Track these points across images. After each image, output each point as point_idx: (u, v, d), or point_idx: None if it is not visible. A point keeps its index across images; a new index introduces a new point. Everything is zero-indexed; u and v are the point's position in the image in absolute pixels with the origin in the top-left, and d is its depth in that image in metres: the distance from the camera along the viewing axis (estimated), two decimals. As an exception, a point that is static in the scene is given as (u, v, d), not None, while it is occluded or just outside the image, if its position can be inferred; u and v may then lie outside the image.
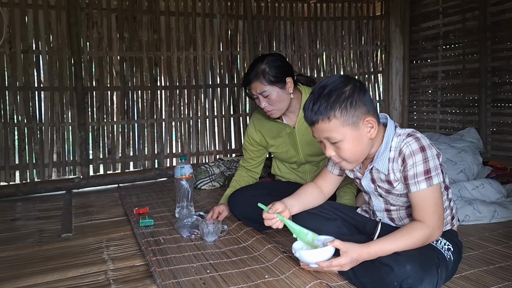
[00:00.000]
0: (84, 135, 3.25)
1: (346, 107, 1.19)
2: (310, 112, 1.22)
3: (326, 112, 1.19)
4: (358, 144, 1.22)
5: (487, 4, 3.46)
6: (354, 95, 1.20)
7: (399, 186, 1.29)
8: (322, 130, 1.22)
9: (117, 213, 2.41)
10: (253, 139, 2.08)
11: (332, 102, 1.19)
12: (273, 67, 1.82)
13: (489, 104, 3.53)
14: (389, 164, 1.27)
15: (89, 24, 3.27)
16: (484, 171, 2.65)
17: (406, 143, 1.23)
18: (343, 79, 1.23)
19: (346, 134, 1.20)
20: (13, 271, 1.61)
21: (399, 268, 1.13)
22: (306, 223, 1.43)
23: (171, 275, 1.47)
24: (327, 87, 1.21)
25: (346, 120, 1.19)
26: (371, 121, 1.22)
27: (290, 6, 3.95)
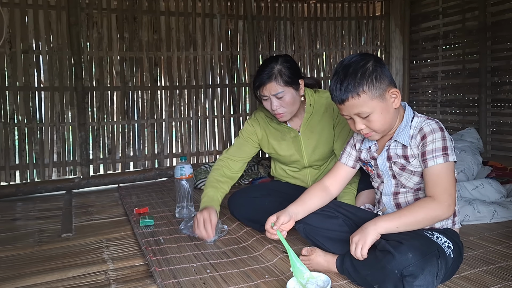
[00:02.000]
0: (84, 135, 3.25)
1: (372, 81, 1.27)
2: (339, 91, 1.29)
3: (355, 89, 1.27)
4: (386, 114, 1.31)
5: (487, 4, 3.46)
6: (377, 69, 1.29)
7: (415, 162, 1.34)
8: (352, 106, 1.29)
9: (117, 213, 2.42)
10: (255, 135, 1.99)
11: (359, 78, 1.27)
12: (287, 67, 1.77)
13: (489, 104, 3.53)
14: (410, 140, 1.34)
15: (89, 24, 3.27)
16: (484, 171, 2.65)
17: (427, 123, 1.33)
18: (362, 57, 1.32)
19: (375, 106, 1.29)
20: (13, 271, 1.61)
21: (400, 256, 1.15)
22: (308, 221, 1.44)
23: (171, 275, 1.47)
24: (350, 66, 1.29)
25: (373, 94, 1.28)
26: (394, 91, 1.32)
27: (290, 6, 3.96)
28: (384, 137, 1.41)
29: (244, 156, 1.99)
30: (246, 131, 2.00)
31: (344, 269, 1.35)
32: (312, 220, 1.45)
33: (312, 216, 1.46)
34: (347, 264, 1.34)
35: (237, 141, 2.02)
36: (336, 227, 1.44)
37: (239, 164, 1.98)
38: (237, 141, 2.02)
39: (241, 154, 1.98)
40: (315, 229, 1.45)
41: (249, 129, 2.00)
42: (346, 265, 1.34)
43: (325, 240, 1.44)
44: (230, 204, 2.01)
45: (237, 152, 1.99)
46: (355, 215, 1.50)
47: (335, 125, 1.91)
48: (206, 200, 1.82)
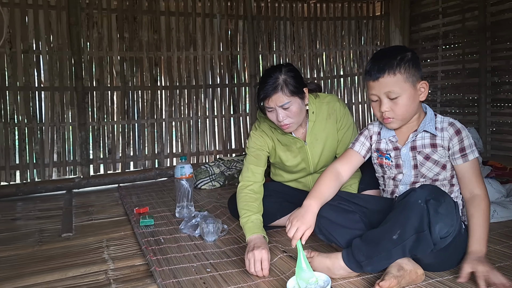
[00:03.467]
0: (85, 135, 3.25)
1: (409, 66, 1.33)
2: (377, 68, 1.34)
3: (392, 68, 1.32)
4: (412, 102, 1.35)
5: (487, 4, 3.46)
6: (414, 59, 1.35)
7: (441, 151, 1.39)
8: (385, 84, 1.33)
9: (118, 213, 2.42)
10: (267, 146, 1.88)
11: (399, 60, 1.33)
12: (292, 77, 1.70)
13: (489, 104, 3.53)
14: (437, 131, 1.39)
15: (89, 24, 3.27)
16: (484, 171, 2.65)
17: (453, 120, 1.40)
18: (402, 47, 1.41)
19: (406, 89, 1.33)
20: (14, 271, 1.61)
21: (421, 189, 1.24)
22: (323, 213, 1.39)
23: (171, 275, 1.47)
24: (390, 50, 1.39)
25: (408, 77, 1.33)
26: (424, 84, 1.37)
27: (290, 6, 3.96)
28: (403, 129, 1.44)
29: (263, 164, 1.87)
30: (256, 144, 1.88)
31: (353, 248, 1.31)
32: (328, 214, 1.41)
33: (328, 209, 1.41)
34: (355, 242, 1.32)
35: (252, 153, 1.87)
36: (351, 223, 1.40)
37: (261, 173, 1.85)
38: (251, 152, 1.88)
39: (261, 163, 1.86)
40: (331, 223, 1.40)
41: (259, 141, 1.88)
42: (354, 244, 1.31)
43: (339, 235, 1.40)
44: (230, 205, 2.01)
45: (258, 161, 1.85)
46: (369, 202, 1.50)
47: (338, 129, 1.88)
48: (252, 226, 1.61)
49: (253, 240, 1.53)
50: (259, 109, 1.81)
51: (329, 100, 1.88)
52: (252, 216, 1.64)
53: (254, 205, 1.71)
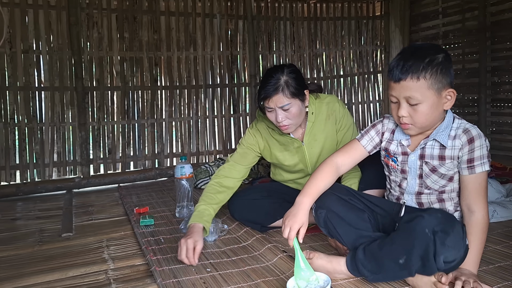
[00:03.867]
0: (85, 135, 3.25)
1: (436, 71, 1.22)
2: (400, 68, 1.23)
3: (417, 71, 1.21)
4: (434, 110, 1.26)
5: (487, 4, 3.46)
6: (445, 63, 1.24)
7: (449, 164, 1.31)
8: (406, 88, 1.23)
9: (118, 213, 2.42)
10: (257, 146, 1.93)
11: (425, 63, 1.22)
12: (293, 78, 1.70)
13: (489, 104, 3.53)
14: (449, 140, 1.31)
15: (89, 24, 3.27)
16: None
17: (472, 126, 1.30)
18: (435, 47, 1.28)
19: (428, 97, 1.23)
20: (14, 271, 1.61)
21: (429, 216, 1.16)
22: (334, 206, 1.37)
23: (171, 275, 1.47)
24: (421, 49, 1.26)
25: (432, 84, 1.22)
26: (451, 93, 1.26)
27: (290, 6, 3.96)
28: (419, 135, 1.35)
29: (247, 163, 1.93)
30: (247, 141, 1.93)
31: (356, 260, 1.30)
32: (337, 209, 1.37)
33: (337, 204, 1.37)
34: (359, 255, 1.29)
35: (240, 149, 1.95)
36: (360, 222, 1.36)
37: (244, 170, 1.92)
38: (240, 149, 1.95)
39: (244, 162, 1.92)
40: (339, 219, 1.36)
41: (250, 140, 1.93)
42: (358, 257, 1.29)
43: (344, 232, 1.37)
44: (230, 206, 2.01)
45: (241, 159, 1.92)
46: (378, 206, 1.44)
47: (338, 130, 1.88)
48: (196, 215, 1.70)
49: (191, 228, 1.63)
50: (259, 108, 1.81)
51: (328, 101, 1.88)
52: (202, 206, 1.74)
53: (212, 196, 1.79)
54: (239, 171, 1.90)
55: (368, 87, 4.35)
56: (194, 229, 1.63)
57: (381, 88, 4.41)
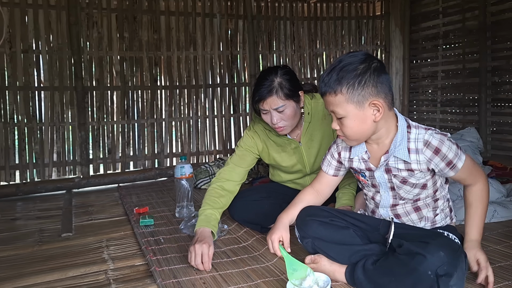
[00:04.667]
0: (84, 134, 3.25)
1: (353, 85, 1.18)
2: (321, 83, 1.24)
3: (333, 86, 1.20)
4: (360, 124, 1.22)
5: (487, 4, 3.46)
6: (366, 75, 1.18)
7: (419, 174, 1.29)
8: (329, 103, 1.24)
9: (117, 213, 2.42)
10: (255, 148, 1.93)
11: (342, 77, 1.19)
12: (287, 80, 1.69)
13: (489, 104, 3.53)
14: (410, 154, 1.26)
15: (89, 24, 3.27)
16: (484, 170, 2.65)
17: (430, 135, 1.25)
18: (363, 57, 1.22)
19: (349, 111, 1.20)
20: (13, 271, 1.61)
21: (432, 256, 1.11)
22: (318, 232, 1.37)
23: (171, 275, 1.47)
24: (342, 61, 1.22)
25: (351, 98, 1.19)
26: (377, 104, 1.20)
27: (290, 5, 3.96)
28: (373, 146, 1.32)
29: (246, 165, 1.92)
30: (245, 143, 1.93)
31: (355, 279, 1.28)
32: (321, 234, 1.36)
33: (320, 229, 1.36)
34: (358, 274, 1.27)
35: (238, 151, 1.93)
36: (348, 238, 1.35)
37: (243, 173, 1.91)
38: (238, 151, 1.94)
39: (244, 164, 1.91)
40: (326, 243, 1.36)
41: (249, 142, 1.93)
42: (357, 276, 1.28)
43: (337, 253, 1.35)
44: (230, 207, 2.00)
45: (240, 161, 1.91)
46: (364, 223, 1.41)
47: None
48: (203, 219, 1.68)
49: (200, 233, 1.59)
50: (254, 110, 1.81)
51: None
52: (208, 210, 1.70)
53: (216, 200, 1.77)
54: (239, 173, 1.90)
55: (368, 87, 4.34)
56: (205, 233, 1.60)
57: (381, 88, 4.40)
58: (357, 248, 1.33)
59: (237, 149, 1.95)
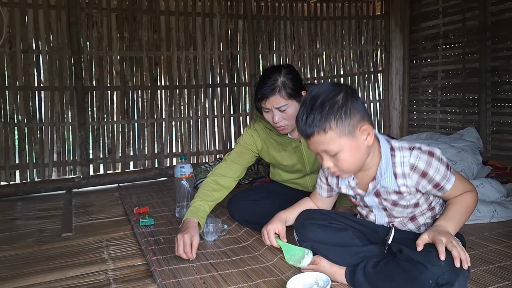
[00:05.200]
0: (84, 134, 3.25)
1: (341, 117, 1.14)
2: (304, 125, 1.17)
3: (321, 124, 1.14)
4: (356, 153, 1.19)
5: (487, 4, 3.45)
6: (347, 103, 1.16)
7: (408, 197, 1.27)
8: (319, 143, 1.17)
9: (117, 213, 2.42)
10: (255, 146, 1.93)
11: (326, 113, 1.14)
12: (290, 79, 1.69)
13: (489, 104, 3.53)
14: (397, 180, 1.23)
15: (89, 23, 3.27)
16: (484, 170, 2.65)
17: (416, 157, 1.21)
18: (334, 87, 1.18)
19: (343, 144, 1.17)
20: (13, 271, 1.61)
21: (433, 266, 1.09)
22: (316, 235, 1.36)
23: (171, 275, 1.47)
24: (319, 98, 1.16)
25: (342, 131, 1.15)
26: (367, 128, 1.19)
27: (290, 5, 3.95)
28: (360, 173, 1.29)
29: (244, 162, 1.93)
30: (245, 141, 1.93)
31: (355, 282, 1.28)
32: (320, 236, 1.36)
33: (319, 232, 1.36)
34: (358, 277, 1.27)
35: (237, 148, 1.95)
36: (347, 239, 1.35)
37: (240, 170, 1.92)
38: (237, 148, 1.95)
39: (242, 161, 1.92)
40: (325, 246, 1.36)
41: (248, 139, 1.93)
42: (357, 278, 1.27)
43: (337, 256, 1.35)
44: (230, 207, 2.00)
45: (238, 159, 1.92)
46: (363, 225, 1.41)
47: None
48: (191, 211, 1.72)
49: (187, 223, 1.65)
50: (256, 108, 1.81)
51: None
52: (197, 202, 1.75)
53: (208, 193, 1.80)
54: (236, 170, 1.90)
55: (368, 86, 4.35)
56: (190, 224, 1.65)
57: (381, 88, 4.40)
58: (357, 250, 1.33)
59: (236, 146, 1.95)
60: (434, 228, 1.18)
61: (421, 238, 1.16)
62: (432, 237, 1.14)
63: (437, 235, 1.14)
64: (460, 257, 1.08)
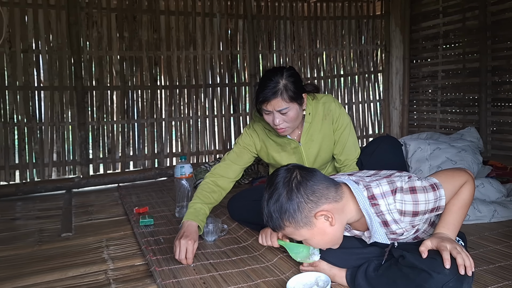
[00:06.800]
0: (84, 134, 3.25)
1: (291, 213, 1.15)
2: (268, 222, 1.21)
3: (278, 224, 1.18)
4: (323, 236, 1.19)
5: (487, 4, 3.45)
6: (293, 198, 1.15)
7: (407, 233, 1.25)
8: (284, 233, 1.23)
9: (117, 213, 2.41)
10: (254, 146, 1.92)
11: (277, 212, 1.16)
12: (292, 82, 1.67)
13: (489, 104, 3.53)
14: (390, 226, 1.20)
15: (89, 23, 3.26)
16: (484, 170, 2.65)
17: (401, 202, 1.16)
18: (282, 182, 1.17)
19: (304, 234, 1.18)
20: (13, 271, 1.61)
21: (437, 274, 1.08)
22: None
23: (171, 275, 1.47)
24: (272, 195, 1.17)
25: (297, 225, 1.16)
26: (324, 213, 1.16)
27: (290, 5, 3.95)
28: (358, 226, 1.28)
29: (243, 162, 1.92)
30: (244, 141, 1.92)
31: (356, 285, 1.28)
32: None
33: None
34: (359, 281, 1.26)
35: (236, 148, 1.93)
36: (346, 242, 1.33)
37: (238, 170, 1.91)
38: (236, 148, 1.93)
39: (241, 162, 1.91)
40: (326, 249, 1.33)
41: (247, 140, 1.92)
42: (358, 282, 1.27)
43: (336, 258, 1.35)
44: (230, 207, 2.00)
45: (237, 159, 1.91)
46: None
47: (334, 130, 1.87)
48: (192, 213, 1.70)
49: (186, 227, 1.63)
50: (256, 110, 1.81)
51: (324, 101, 1.87)
52: (198, 204, 1.73)
53: (208, 195, 1.78)
54: (234, 170, 1.90)
55: (369, 86, 4.34)
56: (191, 228, 1.63)
57: (382, 88, 4.40)
58: (356, 251, 1.32)
59: (235, 146, 1.94)
60: (437, 235, 1.17)
61: (424, 244, 1.14)
62: (436, 244, 1.13)
63: (440, 241, 1.13)
64: (464, 264, 1.08)
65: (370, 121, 4.38)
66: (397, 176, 1.22)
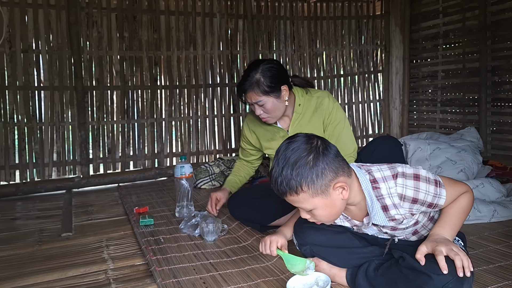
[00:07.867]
0: (84, 134, 3.25)
1: (312, 179, 1.12)
2: (275, 184, 1.16)
3: (292, 187, 1.13)
4: (332, 208, 1.18)
5: (487, 3, 3.45)
6: (318, 163, 1.12)
7: (406, 221, 1.25)
8: (293, 201, 1.17)
9: (117, 213, 2.42)
10: (249, 140, 2.10)
11: (297, 175, 1.12)
12: (267, 76, 1.76)
13: (489, 104, 3.53)
14: (389, 211, 1.21)
15: (89, 23, 3.26)
16: (484, 170, 2.65)
17: (402, 186, 1.17)
18: (305, 146, 1.15)
19: (317, 203, 1.15)
20: (13, 271, 1.61)
21: (437, 276, 1.07)
22: (315, 238, 1.36)
23: (171, 275, 1.47)
24: (290, 158, 1.14)
25: (314, 192, 1.13)
26: (342, 184, 1.15)
27: (290, 5, 3.95)
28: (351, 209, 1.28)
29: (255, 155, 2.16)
30: (243, 138, 2.13)
31: (356, 285, 1.28)
32: (319, 239, 1.36)
33: (318, 235, 1.36)
34: (360, 281, 1.26)
35: (241, 145, 2.17)
36: (346, 241, 1.34)
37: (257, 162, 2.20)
38: (241, 145, 2.17)
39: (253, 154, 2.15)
40: (324, 249, 1.36)
41: (244, 132, 2.11)
42: (359, 282, 1.27)
43: (337, 258, 1.35)
44: (230, 205, 2.01)
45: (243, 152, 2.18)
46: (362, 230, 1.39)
47: (327, 125, 1.91)
48: (226, 182, 2.13)
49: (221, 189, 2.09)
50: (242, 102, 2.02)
51: (318, 96, 1.95)
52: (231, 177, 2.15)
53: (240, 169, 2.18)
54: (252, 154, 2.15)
55: (369, 86, 4.34)
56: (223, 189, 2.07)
57: (381, 88, 4.40)
58: (357, 251, 1.32)
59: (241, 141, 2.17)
60: (431, 238, 1.15)
61: (420, 251, 1.12)
62: (431, 248, 1.12)
63: (435, 245, 1.11)
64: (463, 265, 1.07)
65: (370, 121, 4.38)
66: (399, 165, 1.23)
